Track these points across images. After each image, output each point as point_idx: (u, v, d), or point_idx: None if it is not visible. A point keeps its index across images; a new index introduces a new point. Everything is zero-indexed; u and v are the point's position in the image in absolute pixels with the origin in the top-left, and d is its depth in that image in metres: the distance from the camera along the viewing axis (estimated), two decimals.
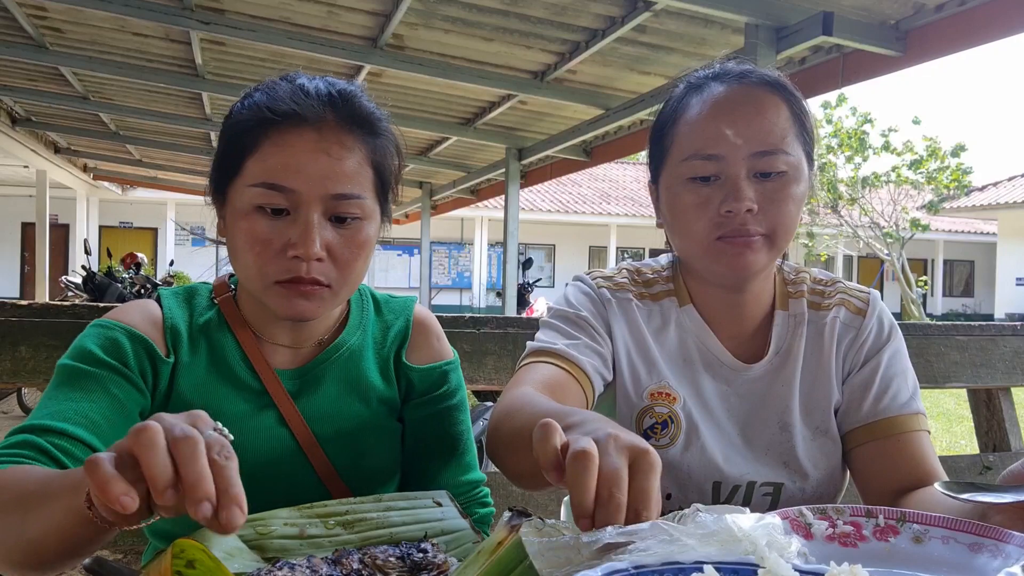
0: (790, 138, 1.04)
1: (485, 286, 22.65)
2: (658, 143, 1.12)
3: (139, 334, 0.98)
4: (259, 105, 0.96)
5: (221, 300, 1.07)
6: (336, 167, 0.94)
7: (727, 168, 1.02)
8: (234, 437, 0.64)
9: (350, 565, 0.77)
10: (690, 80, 1.11)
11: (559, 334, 1.11)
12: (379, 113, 1.01)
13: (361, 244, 0.98)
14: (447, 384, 1.15)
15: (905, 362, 1.15)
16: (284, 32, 5.12)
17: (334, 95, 0.97)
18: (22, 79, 7.71)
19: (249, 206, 0.94)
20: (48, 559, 0.73)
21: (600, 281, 1.17)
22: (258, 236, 0.93)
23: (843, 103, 16.05)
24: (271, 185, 0.92)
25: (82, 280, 7.81)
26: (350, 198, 0.95)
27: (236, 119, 0.98)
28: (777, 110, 1.04)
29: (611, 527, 0.60)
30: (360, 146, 0.97)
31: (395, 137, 1.04)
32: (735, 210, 1.01)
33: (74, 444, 0.88)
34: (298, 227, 0.92)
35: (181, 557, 0.57)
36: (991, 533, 0.76)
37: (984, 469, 2.17)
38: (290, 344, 1.07)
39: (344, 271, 0.97)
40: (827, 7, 3.65)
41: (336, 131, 0.95)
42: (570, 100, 5.96)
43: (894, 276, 18.15)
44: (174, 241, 20.14)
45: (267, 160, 0.93)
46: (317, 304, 0.96)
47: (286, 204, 0.93)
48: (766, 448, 1.12)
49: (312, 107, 0.95)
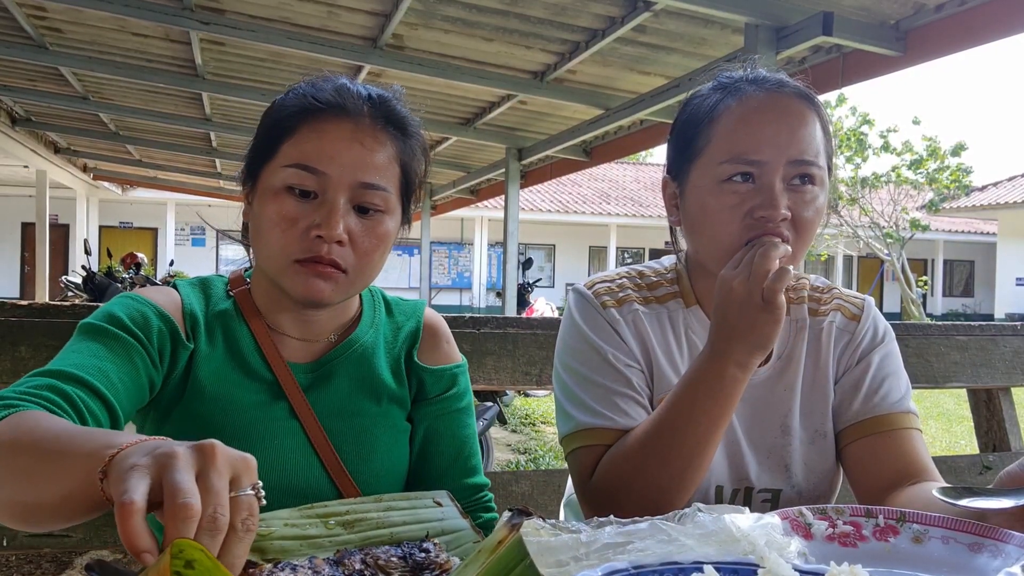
0: (820, 150, 1.05)
1: (485, 286, 22.65)
2: (688, 141, 1.10)
3: (167, 314, 1.01)
4: (303, 94, 1.01)
5: (237, 292, 1.09)
6: (367, 157, 0.99)
7: (765, 174, 1.02)
8: (264, 497, 0.63)
9: (352, 566, 0.77)
10: (721, 80, 1.10)
11: (606, 392, 1.09)
12: (412, 117, 1.07)
13: (381, 236, 1.01)
14: (456, 387, 1.16)
15: (898, 364, 1.17)
16: (284, 32, 5.12)
17: (373, 95, 1.03)
18: (22, 79, 7.71)
19: (280, 185, 0.98)
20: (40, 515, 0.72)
21: (605, 299, 1.14)
22: (285, 215, 0.97)
23: (842, 103, 16.05)
24: (304, 167, 0.97)
25: (82, 280, 7.83)
26: (376, 188, 0.99)
27: (279, 105, 1.03)
28: (813, 122, 1.05)
29: (611, 527, 0.60)
30: (392, 143, 1.02)
31: (424, 141, 1.09)
32: (771, 217, 1.01)
33: (93, 399, 0.88)
34: (324, 209, 0.96)
35: (180, 557, 0.57)
36: (991, 533, 0.76)
37: (984, 469, 2.17)
38: (302, 337, 1.08)
39: (362, 260, 1.00)
40: (827, 7, 3.65)
41: (371, 125, 1.00)
42: (570, 100, 5.96)
43: (894, 276, 18.16)
44: (174, 241, 20.14)
45: (303, 144, 0.98)
46: (332, 287, 0.98)
47: (315, 187, 0.97)
48: (768, 451, 1.13)
49: (352, 101, 1.01)
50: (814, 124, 1.05)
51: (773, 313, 0.95)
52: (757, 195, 1.02)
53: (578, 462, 1.09)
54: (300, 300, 1.00)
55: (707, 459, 0.99)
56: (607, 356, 1.10)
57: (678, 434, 0.98)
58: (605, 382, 1.09)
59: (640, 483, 1.00)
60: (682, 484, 0.99)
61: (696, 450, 0.98)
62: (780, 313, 0.95)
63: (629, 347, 1.12)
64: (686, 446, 0.98)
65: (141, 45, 5.95)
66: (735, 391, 0.98)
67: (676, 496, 0.99)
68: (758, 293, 0.95)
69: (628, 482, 1.01)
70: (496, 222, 20.61)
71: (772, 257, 0.95)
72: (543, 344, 1.85)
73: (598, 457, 1.06)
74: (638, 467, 1.00)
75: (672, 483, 0.98)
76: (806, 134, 1.03)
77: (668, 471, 0.98)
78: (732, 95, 1.06)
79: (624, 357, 1.11)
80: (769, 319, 0.95)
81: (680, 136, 1.12)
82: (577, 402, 1.10)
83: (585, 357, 1.12)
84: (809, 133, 1.03)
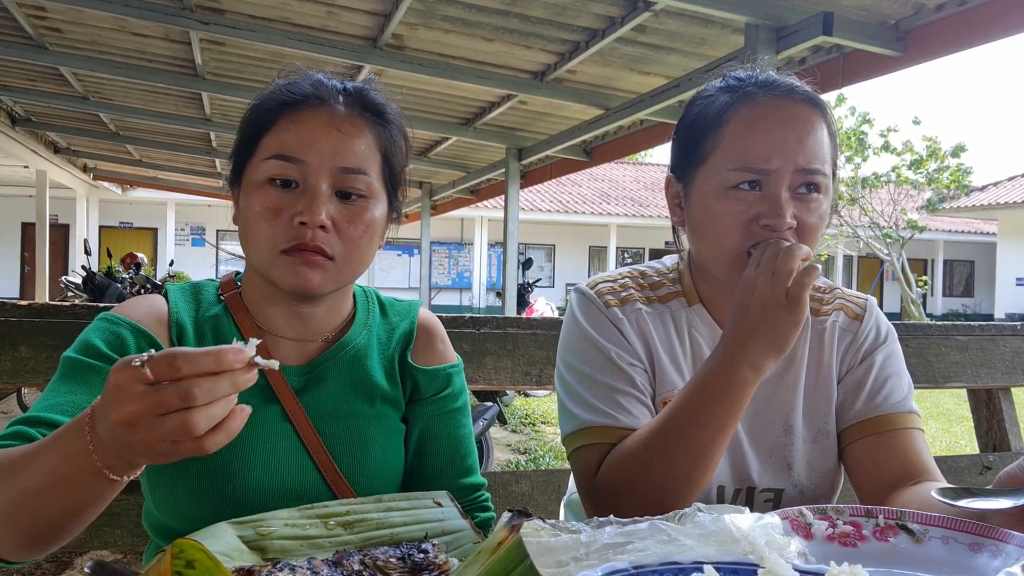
0: (827, 157, 1.05)
1: (485, 286, 22.65)
2: (694, 143, 1.09)
3: (143, 329, 1.00)
4: (280, 88, 1.04)
5: (228, 296, 1.09)
6: (346, 143, 1.00)
7: (772, 183, 1.02)
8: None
9: (351, 566, 0.77)
10: (729, 82, 1.09)
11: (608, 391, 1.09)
12: (390, 104, 1.08)
13: (367, 223, 1.01)
14: (451, 387, 1.15)
15: (900, 365, 1.17)
16: (284, 32, 5.12)
17: (348, 87, 1.05)
18: (22, 79, 7.71)
19: (263, 178, 0.99)
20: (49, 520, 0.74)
21: (608, 299, 1.14)
22: (269, 206, 0.98)
23: (842, 103, 16.05)
24: (284, 156, 0.98)
25: (82, 280, 7.82)
26: (357, 172, 1.00)
27: (258, 103, 1.05)
28: (821, 129, 1.04)
29: (611, 527, 0.60)
30: (370, 129, 1.03)
31: (403, 127, 1.09)
32: (776, 226, 1.01)
33: None
34: (306, 197, 0.97)
35: (180, 557, 0.57)
36: (991, 533, 0.76)
37: (984, 469, 2.17)
38: (296, 337, 1.08)
39: (348, 246, 1.00)
40: (827, 7, 3.65)
41: (348, 113, 1.02)
42: (570, 100, 5.95)
43: (894, 276, 18.16)
44: (174, 241, 20.15)
45: (282, 135, 1.00)
46: (321, 275, 0.98)
47: (297, 176, 0.98)
48: (771, 451, 1.13)
49: (328, 92, 1.03)
50: (822, 130, 1.04)
51: (795, 314, 0.94)
52: (763, 203, 1.02)
53: (581, 461, 1.08)
54: (290, 291, 1.00)
55: (713, 463, 0.99)
56: (610, 355, 1.10)
57: (684, 436, 0.97)
58: (608, 380, 1.09)
59: (644, 484, 0.99)
60: (687, 486, 0.98)
61: (702, 453, 0.97)
62: (802, 314, 0.95)
63: (632, 346, 1.11)
64: (692, 448, 0.97)
65: (141, 45, 5.95)
66: (745, 395, 0.97)
67: (681, 497, 0.98)
68: (782, 292, 0.94)
69: (632, 482, 1.00)
70: (496, 222, 20.62)
71: (796, 256, 0.95)
72: (543, 344, 1.85)
73: (601, 456, 1.06)
74: (643, 468, 1.00)
75: (677, 485, 0.98)
76: (814, 142, 1.03)
77: (673, 473, 0.98)
78: (742, 100, 1.05)
79: (627, 356, 1.11)
80: (790, 320, 0.94)
81: (686, 137, 1.11)
82: (580, 401, 1.10)
83: (588, 356, 1.12)
84: (817, 140, 1.03)
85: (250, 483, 0.99)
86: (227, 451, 0.99)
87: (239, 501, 0.98)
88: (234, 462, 0.99)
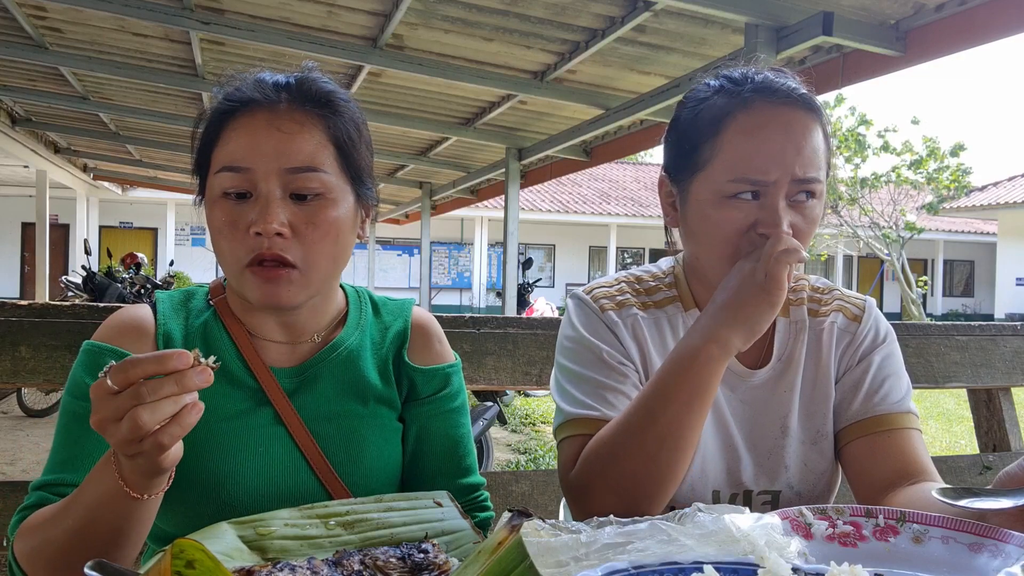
0: (823, 162, 1.04)
1: (485, 286, 22.66)
2: (691, 149, 1.07)
3: (123, 352, 0.99)
4: (218, 98, 1.01)
5: (216, 301, 1.08)
6: (289, 142, 0.96)
7: (770, 193, 1.01)
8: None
9: (351, 566, 0.77)
10: (725, 85, 1.07)
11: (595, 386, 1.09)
12: (338, 91, 1.03)
13: (328, 222, 0.97)
14: (449, 387, 1.15)
15: (899, 365, 1.17)
16: (284, 32, 5.12)
17: (290, 81, 1.01)
18: (22, 79, 7.71)
19: (218, 193, 0.97)
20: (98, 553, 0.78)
21: (604, 303, 1.14)
22: (226, 220, 0.96)
23: (841, 103, 16.04)
24: (230, 167, 0.96)
25: (82, 280, 7.81)
26: (307, 171, 0.96)
27: (204, 115, 1.03)
28: (816, 133, 1.04)
29: (611, 527, 0.60)
30: (316, 122, 0.99)
31: (356, 113, 1.05)
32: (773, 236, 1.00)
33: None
34: (259, 205, 0.95)
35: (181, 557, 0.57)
36: (991, 533, 0.76)
37: (984, 469, 2.17)
38: (284, 340, 1.07)
39: (310, 250, 0.97)
40: (827, 7, 3.65)
41: (289, 109, 0.98)
42: (570, 100, 5.95)
43: (894, 276, 18.15)
44: (174, 241, 20.15)
45: (227, 145, 0.97)
46: (288, 288, 0.96)
47: (247, 186, 0.96)
48: (768, 453, 1.13)
49: (267, 92, 0.99)
50: (818, 135, 1.04)
51: (771, 293, 0.95)
52: (760, 211, 1.02)
53: (563, 453, 1.08)
54: (262, 307, 1.00)
55: (683, 448, 0.97)
56: (601, 354, 1.10)
57: (651, 415, 0.97)
58: (597, 377, 1.09)
59: (614, 470, 0.98)
60: (657, 473, 0.96)
61: (669, 431, 0.95)
62: (779, 295, 0.95)
63: (625, 348, 1.12)
64: (659, 426, 0.96)
65: (141, 45, 5.95)
66: (710, 371, 0.96)
67: (652, 489, 0.96)
68: (763, 272, 0.95)
69: (603, 468, 0.99)
70: (496, 222, 20.64)
71: (784, 241, 0.96)
72: (543, 344, 1.85)
73: (582, 447, 1.05)
74: (613, 451, 0.98)
75: (646, 470, 0.96)
76: (811, 150, 1.02)
77: (643, 454, 0.96)
78: (739, 106, 1.03)
79: (618, 355, 1.11)
80: (765, 299, 0.95)
81: (682, 141, 1.10)
82: (567, 396, 1.10)
83: (579, 356, 1.12)
84: (813, 148, 1.02)
85: (245, 487, 0.99)
86: (220, 456, 1.00)
87: (234, 506, 0.98)
88: (228, 467, 0.99)
